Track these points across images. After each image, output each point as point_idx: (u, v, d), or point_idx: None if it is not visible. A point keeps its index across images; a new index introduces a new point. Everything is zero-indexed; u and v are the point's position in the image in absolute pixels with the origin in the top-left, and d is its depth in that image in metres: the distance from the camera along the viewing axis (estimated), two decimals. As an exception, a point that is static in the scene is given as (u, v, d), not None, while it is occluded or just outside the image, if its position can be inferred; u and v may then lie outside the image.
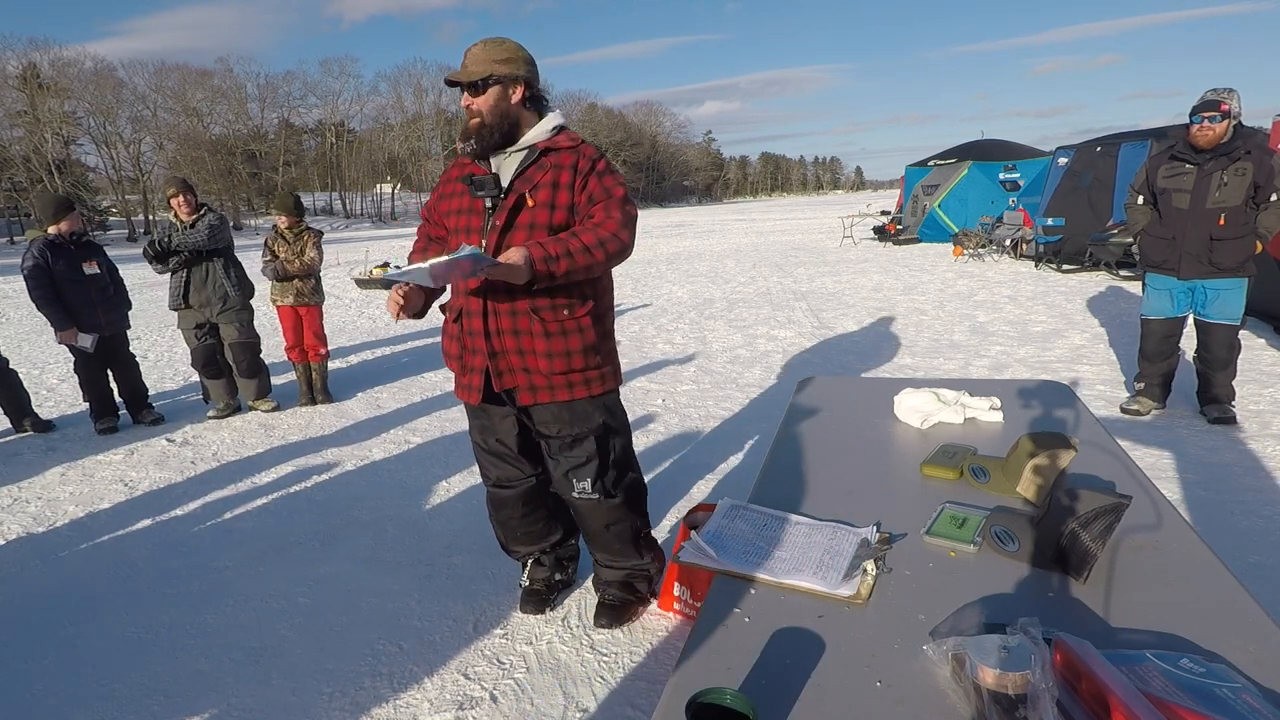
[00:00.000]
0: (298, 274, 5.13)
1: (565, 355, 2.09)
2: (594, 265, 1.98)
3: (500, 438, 2.31)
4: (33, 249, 4.67)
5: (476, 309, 2.10)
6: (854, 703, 0.98)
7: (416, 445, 4.40)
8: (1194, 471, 3.43)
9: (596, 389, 2.19)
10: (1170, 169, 3.96)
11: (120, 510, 3.65)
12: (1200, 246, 3.86)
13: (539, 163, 2.06)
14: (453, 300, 2.23)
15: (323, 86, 73.50)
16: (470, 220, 2.12)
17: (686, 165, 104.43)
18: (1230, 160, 3.77)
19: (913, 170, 18.18)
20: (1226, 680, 0.92)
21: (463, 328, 2.16)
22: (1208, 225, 3.83)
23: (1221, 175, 3.78)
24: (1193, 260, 3.90)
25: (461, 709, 2.10)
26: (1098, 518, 1.22)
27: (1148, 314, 4.19)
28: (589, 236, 1.97)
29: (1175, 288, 4.04)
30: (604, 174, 2.07)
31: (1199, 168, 3.85)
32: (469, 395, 2.22)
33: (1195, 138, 3.82)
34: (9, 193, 39.98)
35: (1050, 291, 8.98)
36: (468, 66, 2.08)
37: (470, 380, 2.20)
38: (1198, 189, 3.84)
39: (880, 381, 2.63)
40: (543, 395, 2.14)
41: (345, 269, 15.49)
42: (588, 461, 2.22)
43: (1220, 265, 3.85)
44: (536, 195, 2.03)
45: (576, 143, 2.10)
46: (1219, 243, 3.82)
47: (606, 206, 2.03)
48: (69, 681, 2.32)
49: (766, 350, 6.53)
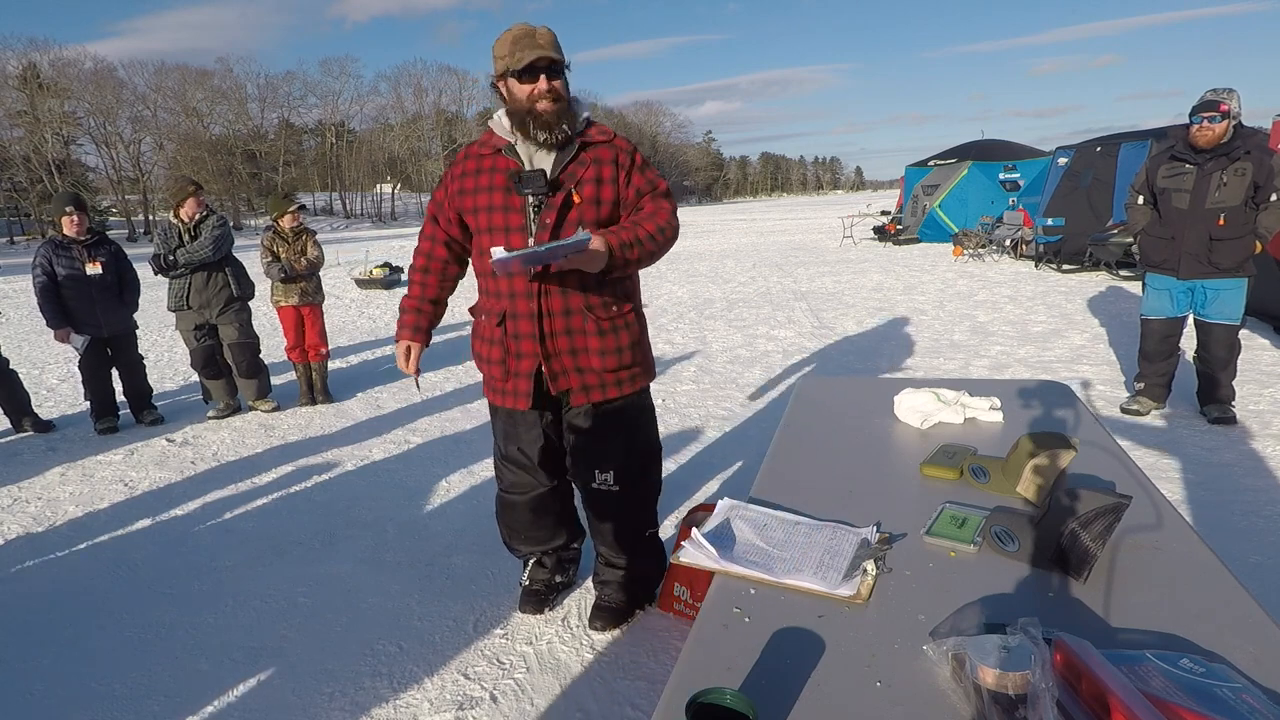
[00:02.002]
0: (305, 273, 5.13)
1: (617, 352, 2.12)
2: (655, 253, 2.02)
3: (523, 447, 2.27)
4: (38, 249, 4.74)
5: (525, 311, 2.04)
6: (854, 703, 0.98)
7: (416, 445, 4.40)
8: (1194, 471, 3.43)
9: (640, 383, 2.24)
10: (1170, 169, 3.96)
11: (120, 510, 3.65)
12: (1200, 246, 3.86)
13: (579, 159, 2.02)
14: (492, 303, 2.13)
15: (323, 86, 73.63)
16: (509, 218, 2.03)
17: (686, 165, 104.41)
18: (1230, 160, 3.77)
19: (913, 170, 18.19)
20: (1226, 680, 0.92)
21: (506, 331, 2.09)
22: (1207, 225, 3.82)
23: (1221, 175, 3.78)
24: (1192, 260, 3.90)
25: (461, 709, 2.10)
26: (1098, 518, 1.22)
27: (1147, 314, 4.19)
28: (650, 225, 1.99)
29: (1175, 288, 4.04)
30: (645, 167, 2.10)
31: (1199, 168, 3.85)
32: (515, 401, 2.15)
33: (1195, 138, 3.82)
34: (9, 193, 39.97)
35: (1050, 291, 8.98)
36: (547, 50, 1.92)
37: (516, 386, 2.13)
38: (1197, 189, 3.84)
39: (880, 381, 2.63)
40: (595, 394, 2.15)
41: (345, 269, 15.48)
42: (615, 454, 2.23)
43: (1220, 265, 3.84)
44: (582, 191, 2.01)
45: (610, 136, 2.09)
46: (1218, 243, 3.82)
47: (654, 198, 2.07)
48: (69, 681, 2.32)
49: (766, 350, 6.53)
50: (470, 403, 5.20)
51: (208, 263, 4.81)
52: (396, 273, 13.02)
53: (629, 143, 2.11)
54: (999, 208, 15.02)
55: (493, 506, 2.54)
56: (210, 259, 4.79)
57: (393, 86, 72.08)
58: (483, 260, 2.10)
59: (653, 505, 2.44)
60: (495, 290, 2.10)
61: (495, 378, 2.19)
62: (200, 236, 4.78)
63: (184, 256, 4.73)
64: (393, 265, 13.35)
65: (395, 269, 13.13)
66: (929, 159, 17.83)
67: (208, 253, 4.76)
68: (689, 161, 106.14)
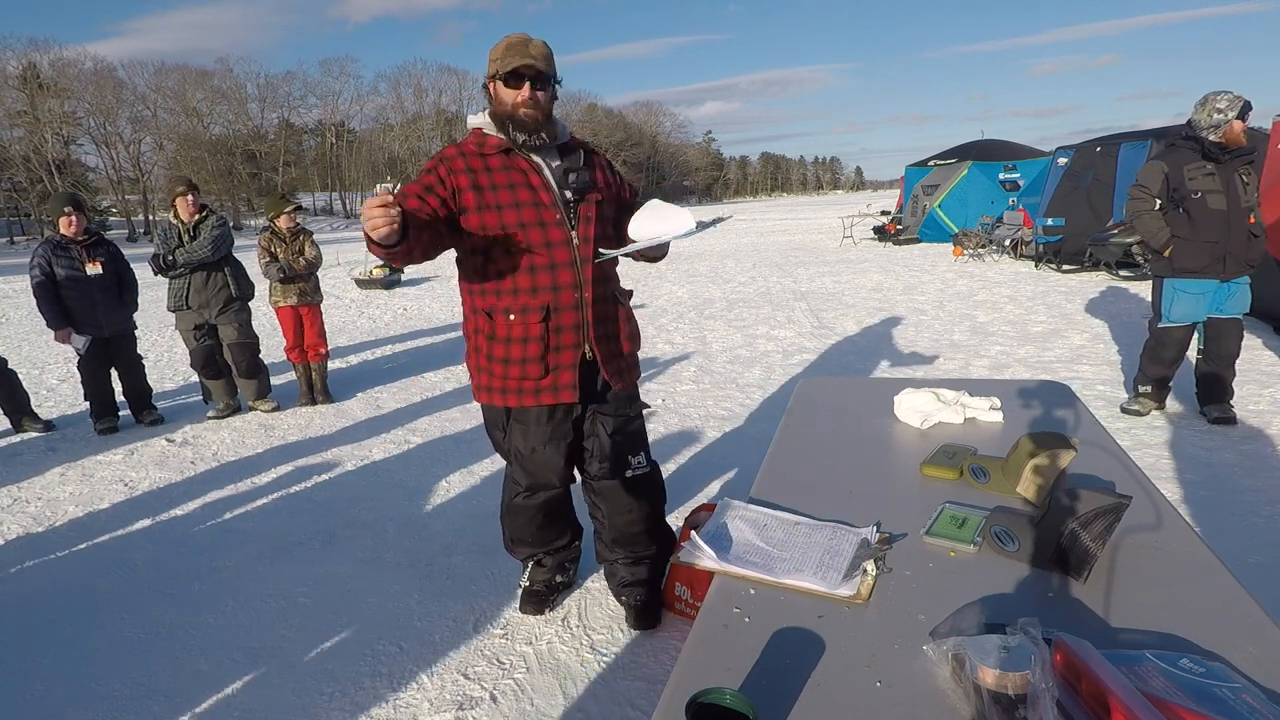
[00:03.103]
0: (303, 273, 5.13)
1: (633, 338, 2.30)
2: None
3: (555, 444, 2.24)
4: (36, 249, 4.73)
5: (570, 303, 2.09)
6: (854, 703, 0.98)
7: (416, 445, 4.40)
8: (1194, 471, 3.43)
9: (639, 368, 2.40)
10: (1195, 169, 3.84)
11: (120, 510, 3.65)
12: (1241, 246, 3.84)
13: (588, 163, 2.18)
14: (528, 300, 2.07)
15: (323, 86, 73.56)
16: (543, 214, 2.04)
17: (686, 165, 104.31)
18: (1245, 161, 3.83)
19: (913, 170, 18.18)
20: (1226, 680, 0.92)
21: (549, 326, 2.08)
22: (1244, 224, 3.83)
23: (1242, 175, 3.82)
24: (1236, 260, 3.85)
25: (461, 709, 2.10)
26: (1098, 518, 1.22)
27: (1175, 321, 4.02)
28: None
29: (1213, 291, 3.94)
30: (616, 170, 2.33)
31: (1221, 166, 3.81)
32: (558, 395, 2.14)
33: (1240, 136, 3.78)
34: (9, 193, 39.96)
35: (1050, 291, 8.98)
36: (536, 61, 2.00)
37: (558, 380, 2.13)
38: (1230, 189, 3.81)
39: (880, 381, 2.63)
40: (629, 376, 2.29)
41: (345, 269, 15.48)
42: (639, 436, 2.37)
43: (1253, 262, 3.89)
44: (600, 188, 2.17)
45: (582, 141, 2.26)
46: (1255, 240, 3.88)
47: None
48: (69, 681, 2.32)
49: (766, 350, 6.53)
50: (470, 402, 5.20)
51: (207, 263, 4.81)
52: (396, 273, 13.02)
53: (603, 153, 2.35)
54: (999, 208, 15.02)
55: (493, 506, 2.55)
56: (209, 259, 4.80)
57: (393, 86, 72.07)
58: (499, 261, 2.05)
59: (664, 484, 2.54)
60: (531, 286, 2.06)
61: (531, 376, 2.12)
62: (200, 237, 4.78)
63: (183, 256, 4.73)
64: (392, 265, 13.34)
65: (395, 269, 13.13)
66: (929, 159, 17.82)
67: (206, 253, 4.76)
68: (689, 161, 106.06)
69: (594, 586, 2.68)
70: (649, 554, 2.43)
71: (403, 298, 11.47)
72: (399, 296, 11.66)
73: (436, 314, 9.64)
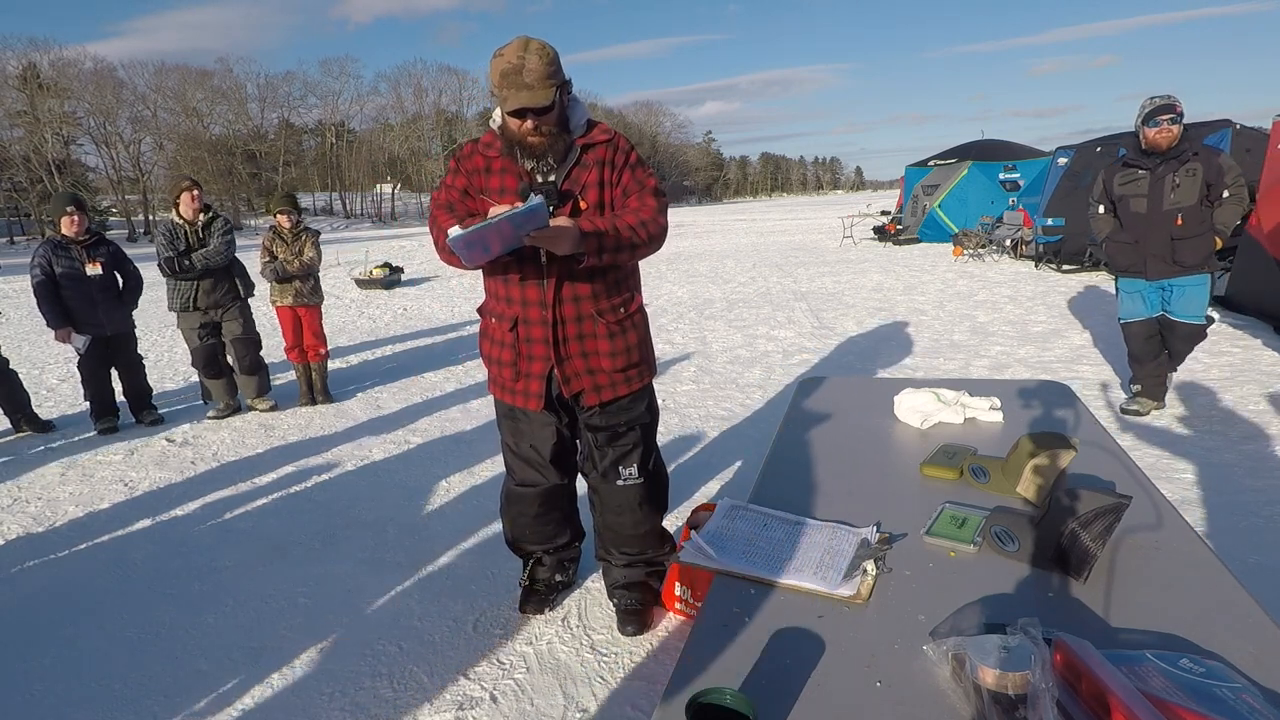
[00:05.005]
0: (297, 274, 5.13)
1: (625, 352, 2.18)
2: (637, 245, 2.02)
3: (534, 444, 2.29)
4: (37, 249, 4.74)
5: (537, 318, 2.08)
6: (854, 703, 0.98)
7: (416, 445, 4.40)
8: (1194, 471, 3.43)
9: (646, 378, 2.30)
10: (1124, 175, 4.12)
11: (120, 510, 3.65)
12: (1163, 247, 4.00)
13: (582, 162, 2.05)
14: (503, 309, 2.15)
15: (323, 86, 73.52)
16: None
17: (686, 165, 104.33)
18: (1180, 162, 3.93)
19: (913, 170, 18.17)
20: (1226, 680, 0.92)
21: (519, 336, 2.12)
22: (1167, 226, 3.97)
23: (1174, 177, 3.94)
24: (1158, 261, 4.04)
25: (461, 709, 2.10)
26: (1098, 518, 1.22)
27: (1125, 318, 4.31)
28: (630, 218, 2.00)
29: (1146, 289, 4.18)
30: (636, 166, 2.11)
31: (1151, 172, 4.00)
32: (527, 401, 2.18)
33: (1156, 140, 3.94)
34: (9, 193, 39.95)
35: (1050, 291, 8.98)
36: (532, 86, 1.88)
37: (527, 386, 2.17)
38: (1153, 192, 4.00)
39: (880, 381, 2.63)
40: (606, 394, 2.20)
41: (345, 269, 15.48)
42: (634, 448, 2.29)
43: (1184, 263, 3.99)
44: (587, 197, 2.04)
45: (611, 135, 2.10)
46: (1180, 241, 3.97)
47: (640, 195, 2.08)
48: (69, 681, 2.32)
49: (766, 350, 6.53)
50: (470, 402, 5.20)
51: (220, 266, 4.86)
52: (396, 273, 13.03)
53: (628, 142, 2.14)
54: (999, 208, 15.01)
55: (493, 506, 2.55)
56: (224, 263, 4.87)
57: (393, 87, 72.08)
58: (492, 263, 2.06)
59: (666, 488, 2.50)
60: (506, 296, 2.12)
61: (505, 378, 2.21)
62: (210, 239, 4.80)
63: (201, 261, 4.75)
64: (393, 265, 13.36)
65: (395, 269, 13.14)
66: (929, 159, 17.81)
67: (221, 258, 4.82)
68: (689, 161, 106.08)
69: (594, 586, 2.68)
70: (643, 558, 2.42)
71: (403, 298, 11.47)
72: (399, 296, 11.66)
73: (436, 314, 9.64)
